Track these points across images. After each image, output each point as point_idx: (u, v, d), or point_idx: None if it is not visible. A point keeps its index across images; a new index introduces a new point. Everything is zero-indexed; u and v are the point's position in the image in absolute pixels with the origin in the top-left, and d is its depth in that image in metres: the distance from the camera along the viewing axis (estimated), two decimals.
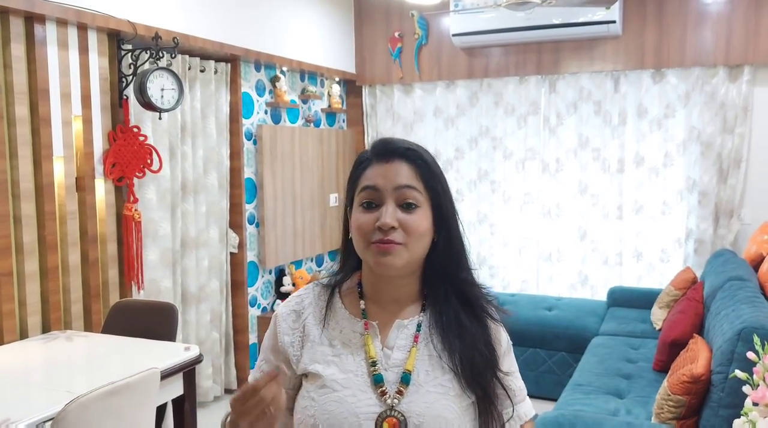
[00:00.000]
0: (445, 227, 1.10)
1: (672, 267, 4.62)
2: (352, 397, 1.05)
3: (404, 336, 1.11)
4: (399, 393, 1.05)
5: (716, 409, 2.30)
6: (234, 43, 3.90)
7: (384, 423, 1.03)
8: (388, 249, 1.05)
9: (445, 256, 1.11)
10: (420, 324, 1.12)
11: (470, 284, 1.13)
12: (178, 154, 3.67)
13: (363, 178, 1.10)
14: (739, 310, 2.57)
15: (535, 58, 4.83)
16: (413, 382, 1.06)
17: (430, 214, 1.09)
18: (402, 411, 1.04)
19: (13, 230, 2.80)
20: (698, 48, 4.40)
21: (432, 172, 1.10)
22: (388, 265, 1.06)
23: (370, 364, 1.07)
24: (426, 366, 1.08)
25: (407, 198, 1.07)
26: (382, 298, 1.13)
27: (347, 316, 1.13)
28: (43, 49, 2.87)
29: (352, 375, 1.07)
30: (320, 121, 5.13)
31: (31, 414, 1.96)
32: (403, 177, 1.08)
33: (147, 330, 2.83)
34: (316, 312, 1.14)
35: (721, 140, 4.42)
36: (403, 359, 1.08)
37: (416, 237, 1.06)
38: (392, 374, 1.07)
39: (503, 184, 5.08)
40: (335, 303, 1.15)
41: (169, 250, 3.59)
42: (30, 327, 2.85)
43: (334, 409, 1.04)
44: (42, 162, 2.88)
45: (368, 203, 1.08)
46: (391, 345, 1.10)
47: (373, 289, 1.14)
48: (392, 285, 1.12)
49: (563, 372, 3.98)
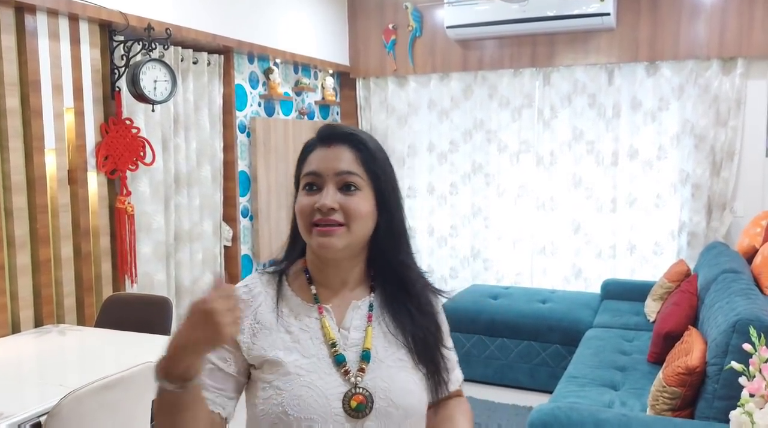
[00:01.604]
0: (387, 211, 1.13)
1: (665, 260, 4.64)
2: (320, 380, 1.07)
3: (358, 317, 1.15)
4: (361, 371, 1.09)
5: (711, 401, 2.31)
6: (227, 34, 3.87)
7: (351, 400, 1.07)
8: (329, 231, 1.08)
9: (387, 239, 1.14)
10: (371, 304, 1.17)
11: (408, 267, 1.17)
12: (171, 147, 3.64)
13: (306, 162, 1.13)
14: (733, 303, 2.58)
15: (530, 51, 4.82)
16: (373, 359, 1.11)
17: (371, 198, 1.12)
18: (366, 387, 1.08)
19: (5, 223, 2.77)
20: (692, 41, 4.40)
21: (373, 156, 1.13)
22: (329, 246, 1.09)
23: (330, 346, 1.10)
24: (383, 343, 1.13)
25: (347, 181, 1.10)
26: (331, 282, 1.16)
27: (300, 302, 1.14)
28: (34, 40, 2.84)
29: (315, 359, 1.09)
30: (314, 113, 5.11)
31: (24, 408, 1.94)
32: (344, 162, 1.10)
33: (141, 323, 2.81)
34: (267, 300, 1.14)
35: (715, 133, 4.43)
36: (360, 338, 1.13)
37: (356, 219, 1.09)
38: (352, 353, 1.11)
39: (497, 177, 5.08)
40: (285, 290, 1.16)
41: (162, 243, 3.57)
42: (22, 321, 2.83)
43: (303, 394, 1.06)
44: (33, 154, 2.84)
45: (310, 186, 1.11)
46: (347, 326, 1.14)
47: (321, 273, 1.16)
48: (339, 268, 1.15)
49: (557, 364, 3.99)
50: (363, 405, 1.07)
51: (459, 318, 4.24)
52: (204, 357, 1.01)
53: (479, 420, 3.57)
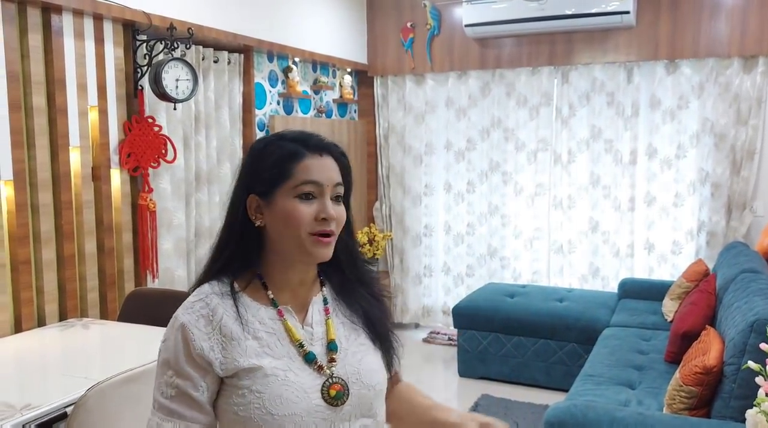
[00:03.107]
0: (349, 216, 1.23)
1: (684, 260, 4.61)
2: (296, 377, 1.12)
3: (317, 312, 1.21)
4: (332, 361, 1.16)
5: (728, 400, 2.31)
6: (247, 33, 3.92)
7: (329, 390, 1.13)
8: (329, 241, 1.16)
9: (349, 239, 1.25)
10: (325, 297, 1.24)
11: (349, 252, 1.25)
12: (192, 145, 3.69)
13: (300, 169, 1.14)
14: (752, 302, 2.57)
15: (548, 49, 4.81)
16: (339, 348, 1.18)
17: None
18: (340, 375, 1.15)
19: (31, 219, 2.84)
20: (712, 39, 4.37)
21: (348, 168, 1.22)
22: (326, 255, 1.16)
23: (298, 346, 1.16)
24: (344, 332, 1.21)
25: (338, 193, 1.18)
26: (290, 283, 1.20)
27: (260, 307, 1.16)
28: (59, 39, 2.90)
29: (287, 359, 1.14)
30: (332, 111, 5.14)
31: (50, 399, 1.99)
32: (336, 173, 1.18)
33: (162, 318, 2.82)
34: (227, 311, 1.14)
35: (735, 132, 4.39)
36: (323, 331, 1.19)
37: (341, 227, 1.19)
38: (319, 347, 1.17)
39: (515, 176, 5.08)
40: (243, 298, 1.16)
41: (183, 240, 3.62)
42: (47, 315, 2.89)
43: (283, 393, 1.10)
44: (59, 152, 2.91)
45: (308, 195, 1.14)
46: (310, 322, 1.19)
47: (282, 276, 1.19)
48: (302, 270, 1.21)
49: (574, 363, 3.99)
50: (341, 392, 1.14)
51: (475, 316, 4.26)
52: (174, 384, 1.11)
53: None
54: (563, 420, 2.37)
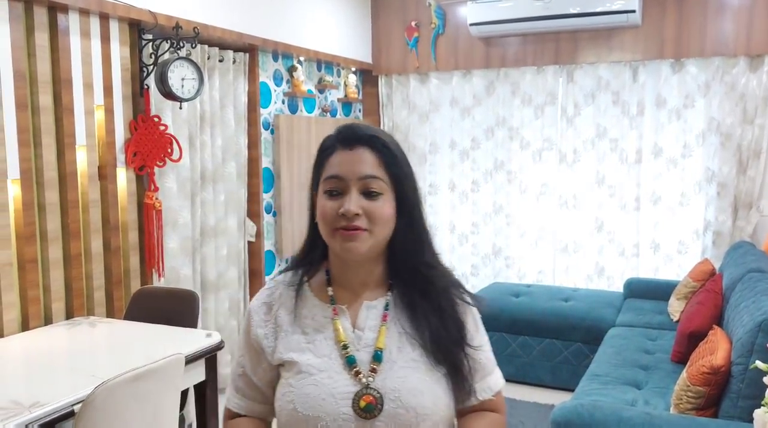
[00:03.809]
0: (406, 212, 1.13)
1: (690, 259, 4.60)
2: (329, 379, 1.08)
3: (373, 317, 1.14)
4: (373, 371, 1.09)
5: (735, 400, 2.30)
6: (252, 33, 3.92)
7: (360, 400, 1.06)
8: (352, 235, 1.08)
9: (406, 240, 1.13)
10: (388, 303, 1.15)
11: (428, 265, 1.16)
12: (198, 144, 3.70)
13: (328, 165, 1.12)
14: (759, 302, 2.56)
15: (553, 48, 4.80)
16: (386, 359, 1.10)
17: (392, 200, 1.12)
18: (377, 387, 1.07)
19: (38, 218, 2.85)
20: (718, 37, 4.35)
21: (395, 159, 1.12)
22: (354, 251, 1.09)
23: (342, 347, 1.11)
24: (397, 343, 1.12)
25: (370, 186, 1.09)
26: (351, 282, 1.16)
27: (317, 303, 1.16)
28: (66, 38, 2.90)
29: (327, 359, 1.10)
30: (336, 110, 5.14)
31: (58, 397, 2.00)
32: (367, 166, 1.10)
33: (169, 316, 2.86)
34: (286, 302, 1.17)
35: (741, 131, 4.38)
36: (374, 338, 1.12)
37: (380, 223, 1.09)
38: (365, 353, 1.11)
39: (520, 175, 5.07)
40: (305, 291, 1.17)
41: (188, 239, 3.63)
42: (54, 313, 2.90)
43: (311, 392, 1.07)
44: (65, 150, 2.91)
45: (332, 191, 1.10)
46: (362, 326, 1.13)
47: (341, 274, 1.17)
48: (360, 269, 1.15)
49: (579, 362, 3.98)
50: (372, 405, 1.06)
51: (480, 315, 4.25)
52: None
53: None
54: (570, 419, 2.36)
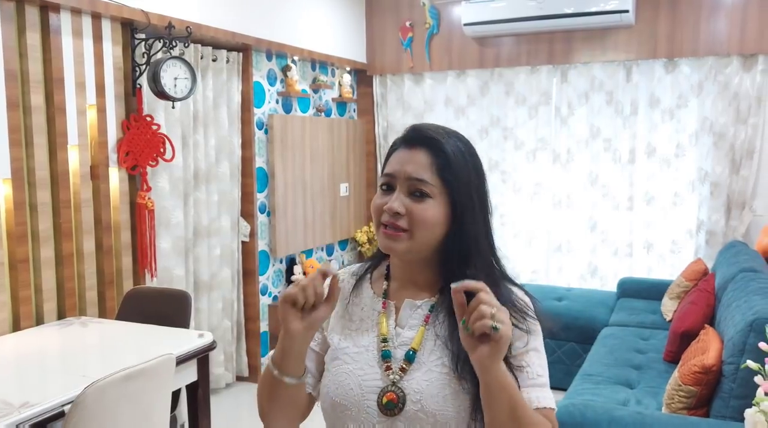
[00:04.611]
0: (458, 219, 1.11)
1: (683, 259, 4.61)
2: (360, 370, 1.11)
3: (417, 317, 1.15)
4: (402, 370, 1.09)
5: (727, 400, 2.31)
6: (246, 32, 3.91)
7: (384, 397, 1.08)
8: (392, 234, 1.10)
9: (456, 247, 1.12)
10: (434, 306, 1.15)
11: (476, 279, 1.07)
12: (191, 143, 3.69)
13: (389, 162, 1.16)
14: (751, 301, 2.57)
15: (547, 48, 4.81)
16: (417, 360, 1.10)
17: (443, 205, 1.10)
18: (402, 387, 1.08)
19: (29, 217, 2.84)
20: (712, 37, 4.37)
21: (450, 164, 1.10)
22: (390, 248, 1.11)
23: (381, 341, 1.13)
24: (432, 346, 1.11)
25: (417, 188, 1.10)
26: (404, 280, 1.18)
27: (371, 295, 1.19)
28: (57, 38, 2.89)
29: (364, 350, 1.13)
30: (331, 110, 5.14)
31: (48, 397, 1.99)
32: (418, 167, 1.10)
33: (161, 317, 2.86)
34: (345, 288, 1.22)
35: (734, 131, 4.39)
36: (411, 338, 1.12)
37: (421, 225, 1.09)
38: (400, 351, 1.12)
39: (514, 175, 5.08)
40: (364, 282, 1.22)
41: (181, 239, 3.62)
42: (46, 313, 2.89)
43: (342, 380, 1.11)
44: (57, 150, 2.90)
45: (386, 186, 1.14)
46: (403, 324, 1.15)
47: (397, 271, 1.19)
48: (411, 268, 1.17)
49: (573, 362, 3.99)
50: (393, 403, 1.07)
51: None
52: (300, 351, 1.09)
53: None
54: (561, 419, 2.36)
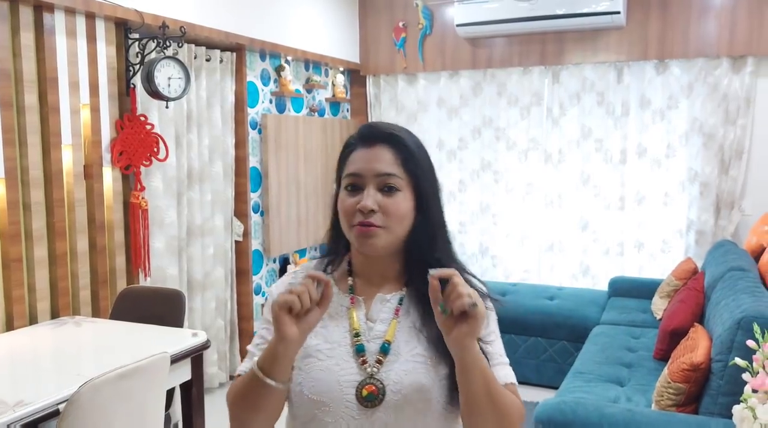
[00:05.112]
0: (424, 209, 1.15)
1: (673, 258, 4.65)
2: (336, 366, 1.11)
3: (387, 310, 1.17)
4: (378, 362, 1.11)
5: (715, 397, 2.34)
6: (239, 32, 3.92)
7: (363, 389, 1.09)
8: (368, 231, 1.11)
9: (423, 236, 1.16)
10: (402, 298, 1.18)
11: (440, 263, 1.13)
12: (184, 143, 3.70)
13: (349, 162, 1.16)
14: (739, 300, 2.60)
15: (539, 49, 4.84)
16: (392, 352, 1.12)
17: (410, 197, 1.14)
18: (381, 378, 1.10)
19: (23, 217, 2.84)
20: (702, 39, 4.41)
21: (413, 157, 1.15)
22: (370, 246, 1.12)
23: (354, 335, 1.14)
24: (405, 337, 1.14)
25: (387, 183, 1.12)
26: (370, 275, 1.20)
27: (337, 291, 1.19)
28: (51, 37, 2.89)
29: (337, 346, 1.13)
30: (324, 110, 5.15)
31: (42, 396, 2.00)
32: (385, 163, 1.13)
33: (154, 316, 2.86)
34: None
35: (724, 131, 4.44)
36: (384, 331, 1.14)
37: (396, 219, 1.12)
38: (374, 345, 1.13)
39: (506, 175, 5.11)
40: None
41: (175, 238, 3.63)
42: (39, 313, 2.89)
43: (319, 377, 1.11)
44: (51, 150, 2.91)
45: (352, 186, 1.14)
46: (374, 318, 1.16)
47: (362, 267, 1.21)
48: (378, 263, 1.19)
49: (564, 360, 4.02)
50: (374, 395, 1.09)
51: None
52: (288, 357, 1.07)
53: None
54: (553, 416, 2.40)
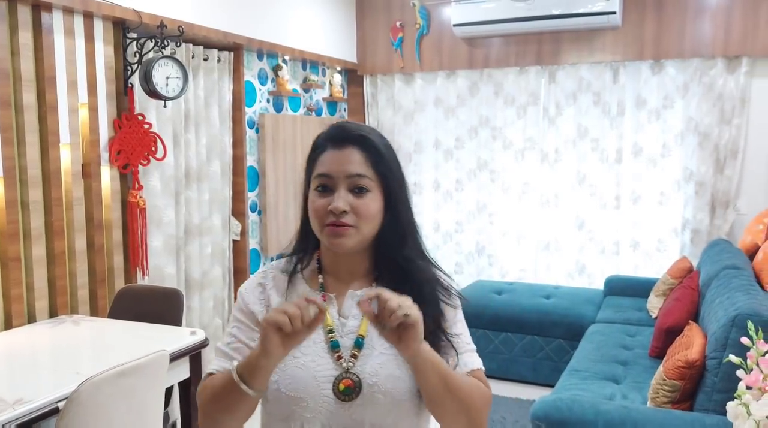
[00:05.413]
0: (392, 208, 1.19)
1: (668, 257, 4.68)
2: (312, 362, 1.14)
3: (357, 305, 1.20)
4: (353, 357, 1.15)
5: (710, 394, 2.36)
6: (237, 31, 3.93)
7: (340, 384, 1.12)
8: (340, 231, 1.14)
9: (390, 234, 1.19)
10: None
11: (409, 260, 1.20)
12: (182, 142, 3.70)
13: (318, 163, 1.19)
14: (733, 298, 2.62)
15: (535, 49, 4.86)
16: (366, 346, 1.16)
17: (380, 197, 1.17)
18: (356, 372, 1.13)
19: (21, 216, 2.84)
20: (697, 39, 4.44)
21: (382, 158, 1.18)
22: (341, 245, 1.15)
23: (327, 332, 1.17)
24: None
25: (357, 184, 1.15)
26: (340, 272, 1.23)
27: (308, 290, 1.22)
28: (49, 37, 2.90)
29: (312, 343, 1.15)
30: (321, 109, 5.17)
31: (41, 394, 2.01)
32: (355, 164, 1.15)
33: (153, 315, 2.87)
34: (279, 285, 1.23)
35: (719, 131, 4.46)
36: (357, 326, 1.17)
37: (366, 218, 1.15)
38: (348, 340, 1.17)
39: (502, 174, 5.13)
40: (296, 277, 1.24)
41: (172, 237, 3.63)
42: (38, 312, 2.90)
43: (296, 374, 1.13)
44: (49, 149, 2.91)
45: (323, 187, 1.17)
46: (346, 314, 1.19)
47: (331, 264, 1.23)
48: (348, 261, 1.22)
49: (560, 359, 4.04)
50: (351, 389, 1.12)
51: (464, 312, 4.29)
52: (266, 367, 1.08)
53: None
54: (549, 413, 2.41)
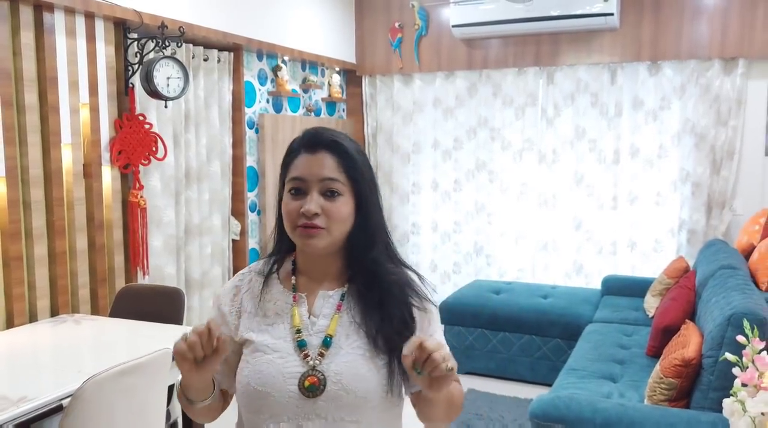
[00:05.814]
0: (363, 212, 1.22)
1: (665, 257, 4.71)
2: (280, 359, 1.19)
3: (329, 305, 1.24)
4: (320, 355, 1.19)
5: (706, 392, 2.39)
6: (237, 32, 3.95)
7: (305, 380, 1.17)
8: (311, 232, 1.18)
9: (361, 237, 1.23)
10: (344, 294, 1.25)
11: (377, 263, 1.24)
12: (182, 142, 3.72)
13: (292, 167, 1.23)
14: (729, 297, 2.65)
15: (534, 50, 4.89)
16: (334, 345, 1.20)
17: (351, 201, 1.21)
18: (322, 370, 1.18)
19: (23, 215, 2.86)
20: (694, 41, 4.47)
21: (354, 163, 1.22)
22: (312, 246, 1.20)
23: (295, 332, 1.21)
24: (346, 331, 1.22)
25: (329, 188, 1.19)
26: (313, 273, 1.27)
27: (281, 290, 1.27)
28: (51, 37, 2.92)
29: (282, 341, 1.21)
30: (320, 110, 5.19)
31: (44, 393, 2.03)
32: (327, 169, 1.20)
33: (154, 314, 2.89)
34: (254, 287, 1.28)
35: (715, 132, 4.49)
36: (327, 325, 1.22)
37: (337, 222, 1.19)
38: (316, 338, 1.21)
39: (501, 175, 5.15)
40: (272, 278, 1.29)
41: (173, 237, 3.65)
42: (39, 311, 2.91)
43: (263, 369, 1.18)
44: (50, 149, 2.93)
45: (296, 190, 1.21)
46: (316, 313, 1.23)
47: (305, 265, 1.28)
48: (321, 262, 1.26)
49: (558, 358, 4.06)
50: (315, 386, 1.16)
51: (462, 312, 4.32)
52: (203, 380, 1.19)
53: (481, 412, 3.64)
54: (547, 411, 2.44)
